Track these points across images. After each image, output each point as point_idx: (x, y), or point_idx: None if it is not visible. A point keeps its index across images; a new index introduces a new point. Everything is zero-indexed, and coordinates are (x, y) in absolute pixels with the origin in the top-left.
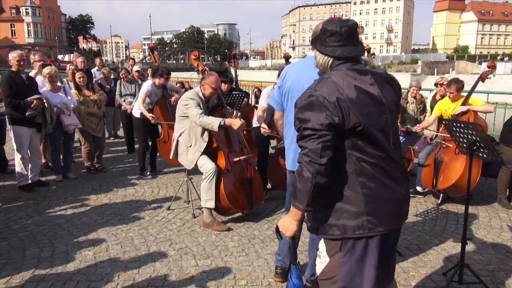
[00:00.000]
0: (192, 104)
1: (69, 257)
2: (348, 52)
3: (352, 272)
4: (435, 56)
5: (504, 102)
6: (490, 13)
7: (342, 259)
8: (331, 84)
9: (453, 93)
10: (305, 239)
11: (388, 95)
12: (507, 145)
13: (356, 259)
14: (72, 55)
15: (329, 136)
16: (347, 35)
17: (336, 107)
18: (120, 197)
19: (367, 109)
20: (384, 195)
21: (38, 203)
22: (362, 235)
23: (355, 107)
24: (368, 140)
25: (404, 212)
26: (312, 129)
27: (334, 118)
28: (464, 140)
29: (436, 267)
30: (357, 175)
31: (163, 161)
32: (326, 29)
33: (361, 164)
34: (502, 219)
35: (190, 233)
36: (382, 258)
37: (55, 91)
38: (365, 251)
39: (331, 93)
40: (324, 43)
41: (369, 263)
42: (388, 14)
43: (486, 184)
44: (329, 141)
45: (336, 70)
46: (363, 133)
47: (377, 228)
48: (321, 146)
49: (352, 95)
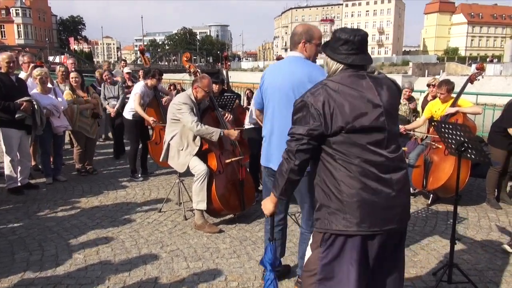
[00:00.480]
0: (186, 110)
1: (59, 260)
2: (359, 60)
3: (330, 267)
4: (425, 58)
5: (493, 103)
6: (479, 16)
7: (321, 254)
8: (323, 90)
9: (444, 94)
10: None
11: (386, 98)
12: (494, 146)
13: (333, 254)
14: (63, 56)
15: (305, 140)
16: (360, 44)
17: (320, 114)
18: (111, 199)
19: (360, 112)
20: (368, 197)
21: (27, 206)
22: (340, 232)
23: (344, 112)
24: (355, 142)
25: (397, 216)
26: (294, 133)
27: (316, 125)
28: (452, 141)
29: (426, 267)
30: (341, 175)
31: (154, 163)
32: (340, 38)
33: (345, 164)
34: (490, 219)
35: (181, 235)
36: (361, 259)
37: (45, 93)
38: (343, 248)
39: (318, 99)
40: (336, 51)
41: (347, 260)
42: (379, 16)
43: (475, 184)
44: (305, 145)
45: (336, 75)
46: (350, 136)
47: (356, 227)
48: (296, 149)
49: (343, 100)
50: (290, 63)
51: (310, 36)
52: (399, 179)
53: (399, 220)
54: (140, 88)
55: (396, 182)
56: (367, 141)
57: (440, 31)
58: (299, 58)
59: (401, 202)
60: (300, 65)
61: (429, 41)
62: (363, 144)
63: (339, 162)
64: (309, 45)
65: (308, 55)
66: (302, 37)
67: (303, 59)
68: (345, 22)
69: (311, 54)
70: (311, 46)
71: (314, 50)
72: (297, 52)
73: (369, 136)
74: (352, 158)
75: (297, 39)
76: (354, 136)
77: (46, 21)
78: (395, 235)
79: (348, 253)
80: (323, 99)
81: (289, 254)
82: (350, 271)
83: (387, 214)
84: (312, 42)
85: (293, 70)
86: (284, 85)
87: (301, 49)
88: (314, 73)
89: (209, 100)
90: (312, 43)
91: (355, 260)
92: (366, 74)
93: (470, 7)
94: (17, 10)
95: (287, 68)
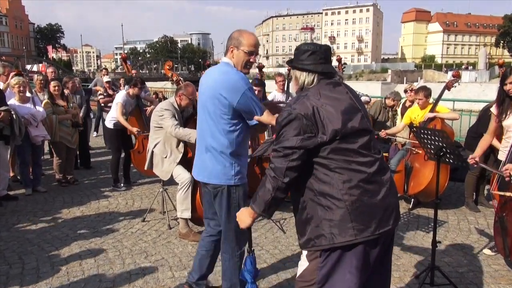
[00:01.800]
0: (167, 115)
1: (40, 273)
2: (328, 68)
3: (328, 275)
4: (404, 65)
5: (469, 109)
6: (454, 24)
7: (321, 263)
8: (307, 99)
9: (422, 99)
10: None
11: (360, 102)
12: (471, 150)
13: (332, 262)
14: (41, 65)
15: (296, 155)
16: (325, 53)
17: (313, 123)
18: (93, 209)
19: (348, 116)
20: (367, 201)
21: (6, 218)
22: (350, 242)
23: (334, 117)
24: (348, 148)
25: (392, 215)
26: (284, 147)
27: (309, 136)
28: (431, 147)
29: (409, 270)
30: (340, 183)
31: (137, 172)
32: (307, 49)
33: (342, 171)
34: (470, 222)
35: (166, 245)
36: (363, 264)
37: (23, 102)
38: (342, 255)
39: (307, 108)
40: (305, 62)
41: (346, 267)
42: (358, 24)
43: (454, 188)
44: (296, 160)
45: (313, 86)
46: (344, 141)
47: (363, 233)
48: (286, 166)
49: (330, 105)
50: (215, 70)
51: (238, 42)
52: (388, 178)
53: (394, 219)
54: (122, 97)
55: (386, 181)
56: (359, 144)
57: (417, 39)
58: (224, 63)
59: (394, 201)
60: (219, 72)
61: (406, 49)
62: (355, 148)
63: (336, 171)
64: (237, 51)
65: (236, 62)
66: (231, 43)
67: (228, 65)
68: (325, 30)
69: (238, 61)
70: (238, 52)
71: (242, 57)
72: (226, 58)
73: (360, 139)
74: (348, 164)
75: (228, 44)
76: (347, 141)
77: (23, 29)
78: (388, 236)
79: (348, 260)
80: (311, 107)
81: (275, 261)
82: (349, 279)
83: (386, 215)
84: (240, 49)
85: (214, 77)
86: (205, 92)
87: (229, 55)
88: (226, 83)
89: (193, 108)
90: (240, 50)
91: (355, 267)
92: (340, 81)
93: (445, 16)
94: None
95: (211, 75)
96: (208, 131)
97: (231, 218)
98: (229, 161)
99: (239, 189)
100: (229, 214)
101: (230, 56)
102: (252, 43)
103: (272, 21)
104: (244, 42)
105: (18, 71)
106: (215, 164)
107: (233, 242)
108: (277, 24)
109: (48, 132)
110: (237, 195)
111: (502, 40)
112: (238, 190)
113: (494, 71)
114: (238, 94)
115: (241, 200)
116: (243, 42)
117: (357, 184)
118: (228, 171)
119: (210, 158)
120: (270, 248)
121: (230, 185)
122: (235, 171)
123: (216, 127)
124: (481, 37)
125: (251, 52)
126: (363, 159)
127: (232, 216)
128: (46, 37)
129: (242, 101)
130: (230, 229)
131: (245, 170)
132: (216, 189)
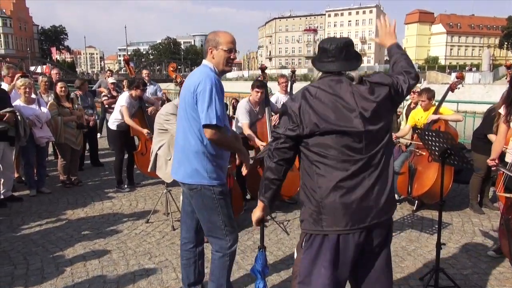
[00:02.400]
0: (174, 120)
1: (44, 274)
2: (335, 67)
3: (307, 268)
4: None
5: (473, 111)
6: (458, 26)
7: (302, 255)
8: (302, 95)
9: (425, 101)
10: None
11: (364, 102)
12: (477, 152)
13: (311, 255)
14: (45, 66)
15: (282, 140)
16: (336, 51)
17: (297, 116)
18: (97, 210)
19: (334, 115)
20: (340, 198)
21: (11, 219)
22: (320, 232)
23: (318, 114)
24: (329, 145)
25: (368, 215)
26: (276, 133)
27: (293, 126)
28: (436, 148)
29: (413, 272)
30: (316, 176)
31: (141, 174)
32: (319, 47)
33: (320, 165)
34: (474, 224)
35: (169, 246)
36: (336, 260)
37: (29, 103)
38: (320, 249)
39: (296, 102)
40: (320, 59)
41: (321, 261)
42: (362, 26)
43: (458, 190)
44: (283, 144)
45: (318, 81)
46: (325, 138)
47: (332, 227)
48: (274, 147)
49: (318, 103)
50: (194, 71)
51: (216, 42)
52: (375, 179)
53: (374, 218)
54: (126, 99)
55: (368, 181)
56: (342, 143)
57: (420, 41)
58: (203, 66)
59: (378, 201)
60: (193, 74)
61: (410, 51)
62: (335, 145)
63: (314, 164)
64: (216, 51)
65: (216, 62)
66: (209, 45)
67: (207, 66)
68: (328, 31)
69: (219, 60)
70: (218, 52)
71: (222, 55)
72: (206, 60)
73: (345, 137)
74: (325, 159)
75: (206, 47)
76: (328, 138)
77: (27, 31)
78: (378, 235)
79: (323, 254)
80: (299, 102)
81: (278, 263)
82: (324, 274)
83: (362, 213)
84: (219, 48)
85: (189, 79)
86: (182, 94)
87: (209, 57)
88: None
89: None
90: (219, 49)
91: (329, 260)
92: (344, 78)
93: (449, 18)
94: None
95: (189, 77)
96: (183, 131)
97: (215, 218)
98: (202, 161)
99: (216, 189)
100: (210, 214)
101: (210, 57)
102: (229, 40)
103: (275, 22)
104: (221, 41)
105: (23, 72)
106: (190, 164)
107: (222, 240)
108: (280, 25)
109: (53, 134)
110: (215, 195)
111: (506, 41)
112: (214, 190)
113: (498, 72)
114: (203, 94)
115: (221, 200)
116: (220, 41)
117: (331, 179)
118: (202, 171)
119: (185, 158)
120: (274, 249)
121: (204, 184)
122: (208, 171)
123: (189, 128)
124: (485, 38)
125: (230, 49)
126: (343, 157)
127: (214, 216)
128: (50, 38)
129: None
130: (215, 228)
131: (221, 171)
132: (192, 190)
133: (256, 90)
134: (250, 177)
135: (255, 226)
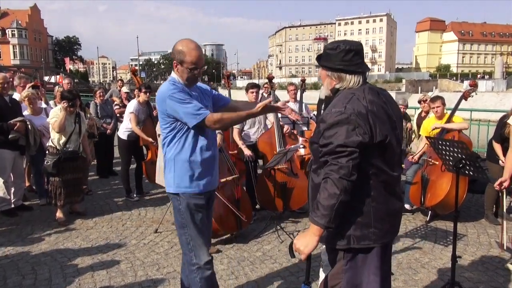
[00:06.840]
0: None
1: (52, 285)
2: (365, 67)
3: (354, 279)
4: (418, 75)
5: (487, 119)
6: (469, 33)
7: (344, 266)
8: (358, 100)
9: (440, 106)
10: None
11: (396, 112)
12: (492, 161)
13: (357, 266)
14: (58, 76)
15: (357, 154)
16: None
17: (367, 123)
18: (106, 220)
19: (387, 125)
20: (388, 208)
21: (20, 229)
22: (367, 245)
23: (379, 122)
24: (385, 155)
25: (399, 223)
26: (344, 145)
27: (365, 136)
28: (450, 158)
29: (427, 285)
30: (369, 189)
31: (150, 183)
32: (350, 49)
33: (374, 178)
34: (490, 235)
35: (178, 257)
36: (382, 267)
37: (36, 114)
38: (365, 259)
39: (361, 108)
40: (351, 62)
41: (370, 270)
42: (372, 34)
43: (472, 200)
44: (357, 159)
45: (358, 88)
46: (385, 147)
47: (381, 239)
48: (351, 164)
49: (375, 111)
50: (161, 86)
51: (181, 59)
52: (400, 189)
53: (399, 227)
54: (134, 106)
55: (400, 192)
56: (394, 155)
57: (432, 49)
58: (169, 78)
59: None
60: (161, 89)
61: (421, 59)
62: (389, 158)
63: (370, 176)
64: (181, 68)
65: (180, 77)
66: (175, 58)
67: (172, 78)
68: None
69: (182, 77)
70: (182, 69)
71: (186, 74)
72: (173, 73)
73: (397, 150)
74: (381, 171)
75: (172, 57)
76: (386, 149)
77: (42, 41)
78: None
79: (371, 262)
80: (365, 109)
81: (288, 275)
82: (374, 280)
83: (397, 222)
84: (184, 66)
85: (158, 93)
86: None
87: (175, 69)
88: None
89: None
90: (183, 67)
91: (377, 267)
92: (376, 88)
93: (460, 25)
94: (13, 31)
95: (158, 91)
96: (161, 141)
97: (180, 230)
98: (171, 168)
99: (183, 199)
100: (177, 225)
101: (175, 70)
102: (195, 59)
103: (285, 31)
104: (186, 59)
105: (36, 82)
106: (166, 172)
107: (187, 256)
108: (290, 34)
109: None
110: (181, 205)
111: None
112: (181, 200)
113: (511, 80)
114: (165, 101)
115: (189, 212)
116: (185, 60)
117: (383, 191)
118: (169, 178)
119: (165, 166)
120: (284, 261)
121: (170, 192)
122: (176, 180)
123: (163, 137)
124: (497, 46)
125: (194, 68)
126: (392, 168)
127: (180, 228)
128: (63, 49)
129: (169, 106)
130: (183, 242)
131: (195, 179)
132: (170, 197)
133: (250, 91)
134: (260, 187)
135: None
